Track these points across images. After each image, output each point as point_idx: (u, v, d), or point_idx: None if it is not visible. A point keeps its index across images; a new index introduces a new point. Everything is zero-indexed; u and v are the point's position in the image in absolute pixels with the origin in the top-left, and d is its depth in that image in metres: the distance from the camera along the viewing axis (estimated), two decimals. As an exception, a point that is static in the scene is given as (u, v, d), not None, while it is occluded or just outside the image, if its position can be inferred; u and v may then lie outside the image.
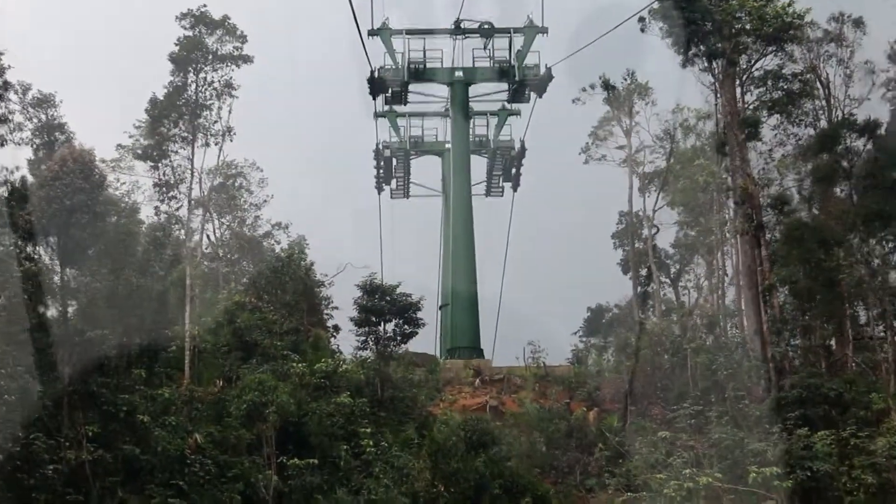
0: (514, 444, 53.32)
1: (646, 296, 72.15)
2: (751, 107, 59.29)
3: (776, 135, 59.50)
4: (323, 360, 55.29)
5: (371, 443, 50.82)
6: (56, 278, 46.68)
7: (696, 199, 73.06)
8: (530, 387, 61.87)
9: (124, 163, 67.24)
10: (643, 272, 72.47)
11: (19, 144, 51.53)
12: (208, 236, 73.40)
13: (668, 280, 78.37)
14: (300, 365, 53.71)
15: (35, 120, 58.25)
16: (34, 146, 57.54)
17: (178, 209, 56.23)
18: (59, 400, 42.83)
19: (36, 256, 45.26)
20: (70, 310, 46.29)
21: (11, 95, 53.77)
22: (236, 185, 77.66)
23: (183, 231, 61.30)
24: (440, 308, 78.58)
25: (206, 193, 64.14)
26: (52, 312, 45.45)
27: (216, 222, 76.73)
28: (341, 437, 51.14)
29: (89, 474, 42.95)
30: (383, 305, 57.16)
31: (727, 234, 69.09)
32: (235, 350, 55.43)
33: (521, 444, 53.84)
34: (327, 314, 65.75)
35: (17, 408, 39.90)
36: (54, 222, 45.78)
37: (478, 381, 63.07)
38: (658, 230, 72.22)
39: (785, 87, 58.70)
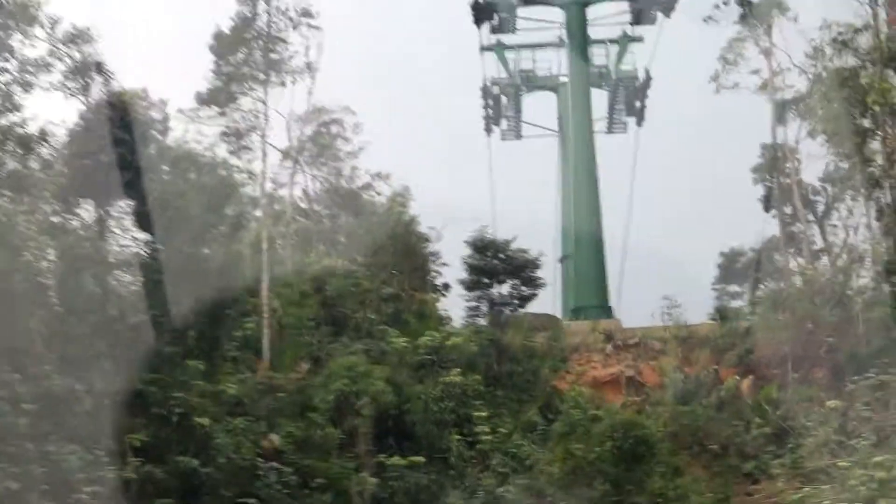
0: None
1: (790, 237, 63.34)
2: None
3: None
4: (428, 332, 47.41)
5: (487, 429, 42.99)
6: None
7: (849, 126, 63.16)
8: (672, 352, 53.11)
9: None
10: (787, 210, 63.57)
11: (47, 89, 40.90)
12: (304, 191, 65.49)
13: (814, 220, 69.26)
14: (401, 340, 46.00)
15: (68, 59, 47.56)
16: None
17: (252, 161, 48.43)
18: (97, 403, 33.94)
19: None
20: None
21: (37, 31, 43.23)
22: (332, 132, 69.32)
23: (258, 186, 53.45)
24: (561, 261, 70.51)
25: (293, 142, 57.37)
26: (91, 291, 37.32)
27: (307, 175, 68.47)
28: (451, 425, 43.46)
29: (134, 496, 33.64)
30: (496, 264, 49.59)
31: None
32: (324, 325, 47.54)
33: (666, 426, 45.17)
34: (435, 272, 57.81)
35: (45, 415, 31.46)
36: (90, 181, 37.79)
37: (609, 346, 54.25)
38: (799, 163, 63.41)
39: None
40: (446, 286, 55.75)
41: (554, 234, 70.81)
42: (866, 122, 61.31)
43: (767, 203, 67.34)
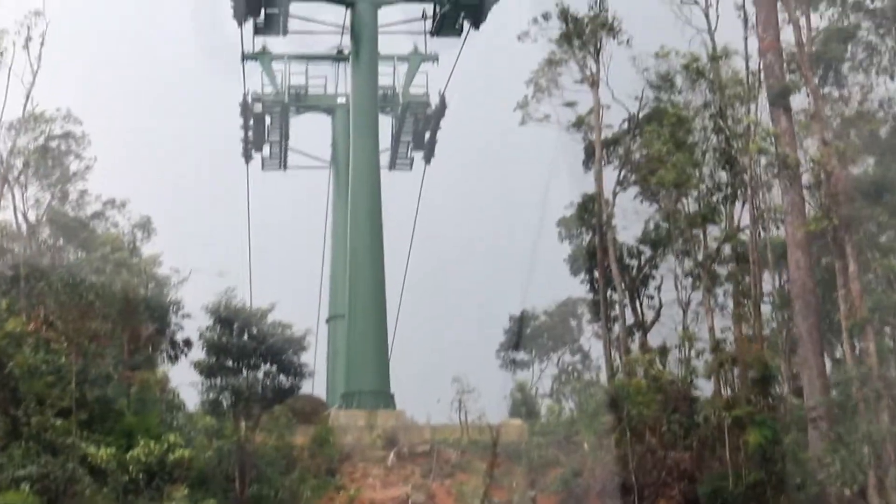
0: None
1: (595, 307, 52.15)
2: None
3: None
4: (144, 438, 33.58)
5: None
6: None
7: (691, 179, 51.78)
8: (474, 467, 40.36)
9: None
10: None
11: None
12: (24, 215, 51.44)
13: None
14: (104, 451, 32.15)
15: None
16: None
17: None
18: None
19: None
20: None
21: None
22: (50, 143, 54.35)
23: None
24: (328, 321, 57.41)
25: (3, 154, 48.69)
26: None
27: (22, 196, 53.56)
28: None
29: None
30: (246, 343, 36.40)
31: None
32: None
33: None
34: (176, 325, 44.21)
35: None
36: None
37: (392, 455, 41.30)
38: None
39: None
40: (187, 343, 42.46)
41: (320, 287, 58.05)
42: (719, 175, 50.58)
43: (574, 264, 55.67)
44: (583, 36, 52.13)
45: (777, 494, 36.56)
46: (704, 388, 46.41)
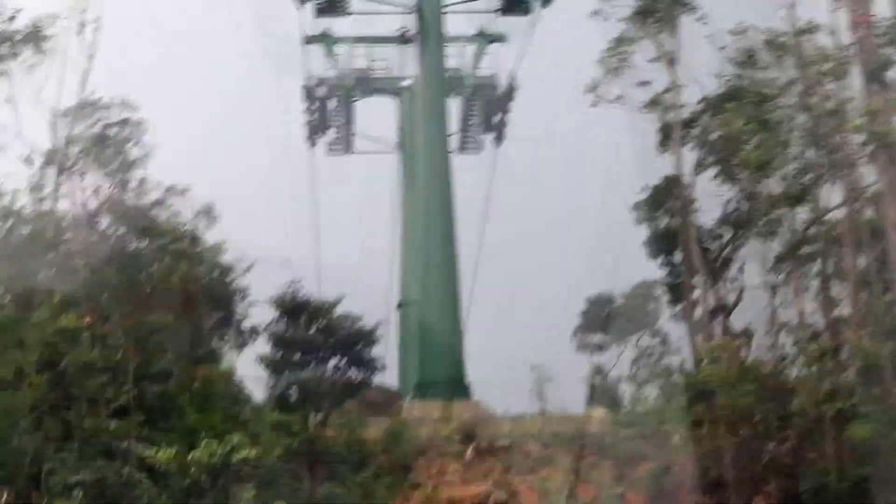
0: None
1: (676, 291, 49.88)
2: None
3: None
4: (207, 438, 31.63)
5: None
6: None
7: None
8: (557, 460, 38.24)
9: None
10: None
11: None
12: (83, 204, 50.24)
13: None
14: (163, 453, 30.26)
15: None
16: None
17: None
18: None
19: None
20: None
21: None
22: (113, 133, 52.85)
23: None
24: (398, 308, 55.35)
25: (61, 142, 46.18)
26: None
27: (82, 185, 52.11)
28: None
29: None
30: (314, 337, 34.54)
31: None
32: (49, 425, 31.19)
33: None
34: (241, 314, 42.60)
35: None
36: None
37: (470, 449, 39.25)
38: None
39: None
40: (254, 332, 40.73)
41: (390, 275, 56.10)
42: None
43: (652, 247, 53.53)
44: (658, 12, 50.03)
45: (885, 492, 34.10)
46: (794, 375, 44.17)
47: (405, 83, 58.89)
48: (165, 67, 72.96)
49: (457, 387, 46.42)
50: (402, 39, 58.73)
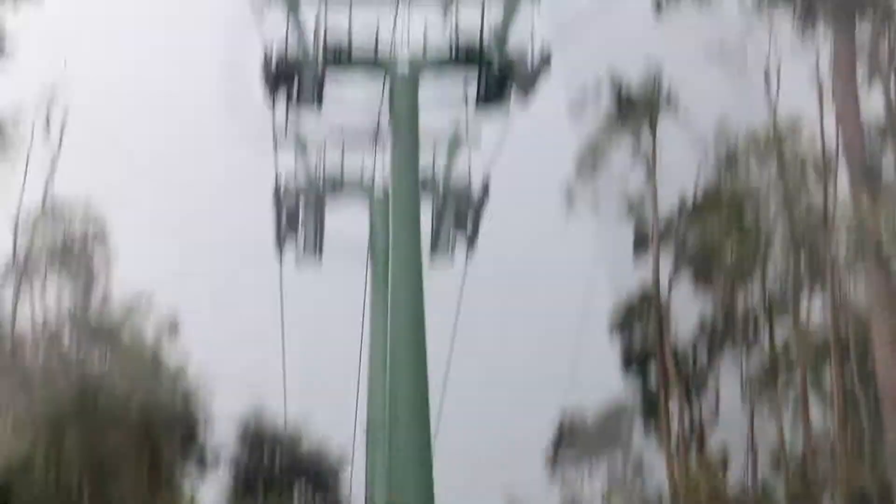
0: None
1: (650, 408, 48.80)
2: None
3: None
4: None
5: None
6: None
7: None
8: None
9: None
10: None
11: None
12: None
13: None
14: None
15: None
16: None
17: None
18: None
19: None
20: None
21: None
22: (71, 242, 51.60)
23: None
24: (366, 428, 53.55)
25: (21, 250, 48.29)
26: None
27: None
28: None
29: None
30: (279, 467, 33.08)
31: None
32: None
33: None
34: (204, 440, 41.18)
35: None
36: None
37: None
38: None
39: None
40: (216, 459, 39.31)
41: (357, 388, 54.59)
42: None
43: (626, 360, 52.99)
44: (638, 110, 49.48)
45: None
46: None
47: (377, 185, 57.45)
48: (129, 163, 72.09)
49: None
50: (375, 140, 57.65)
